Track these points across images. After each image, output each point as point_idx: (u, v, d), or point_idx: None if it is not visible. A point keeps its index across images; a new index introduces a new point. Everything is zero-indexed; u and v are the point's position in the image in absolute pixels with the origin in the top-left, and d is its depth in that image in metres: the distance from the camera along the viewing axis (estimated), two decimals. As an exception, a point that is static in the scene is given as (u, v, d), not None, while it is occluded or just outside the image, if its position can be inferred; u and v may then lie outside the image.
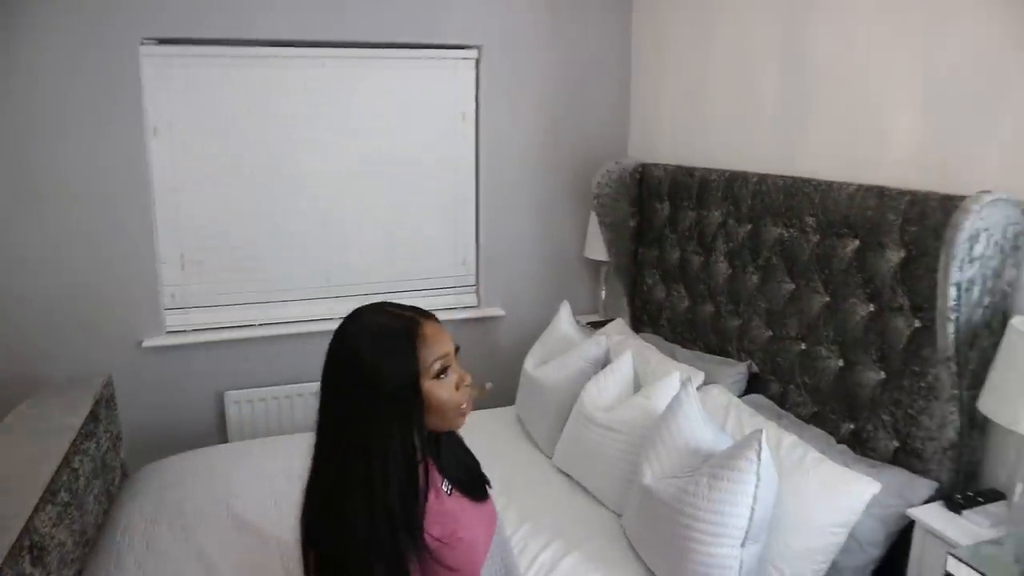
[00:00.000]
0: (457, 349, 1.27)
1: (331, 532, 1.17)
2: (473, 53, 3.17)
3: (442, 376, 1.21)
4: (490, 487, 1.42)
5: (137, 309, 2.89)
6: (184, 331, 2.98)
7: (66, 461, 2.01)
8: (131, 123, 2.77)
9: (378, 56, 3.05)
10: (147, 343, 2.90)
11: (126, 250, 2.84)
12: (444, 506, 1.28)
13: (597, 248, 3.23)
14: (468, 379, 1.26)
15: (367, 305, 1.27)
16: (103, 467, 2.40)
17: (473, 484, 1.38)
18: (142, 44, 2.75)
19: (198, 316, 3.01)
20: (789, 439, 1.99)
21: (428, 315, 1.27)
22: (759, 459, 1.69)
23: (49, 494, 1.84)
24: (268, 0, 2.82)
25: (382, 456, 1.16)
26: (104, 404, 2.51)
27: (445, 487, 1.31)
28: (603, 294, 3.46)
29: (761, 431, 1.73)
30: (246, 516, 2.21)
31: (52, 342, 2.80)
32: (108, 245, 2.81)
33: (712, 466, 1.77)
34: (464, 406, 1.25)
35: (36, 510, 1.74)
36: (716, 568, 1.70)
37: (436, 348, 1.21)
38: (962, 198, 1.74)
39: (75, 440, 2.12)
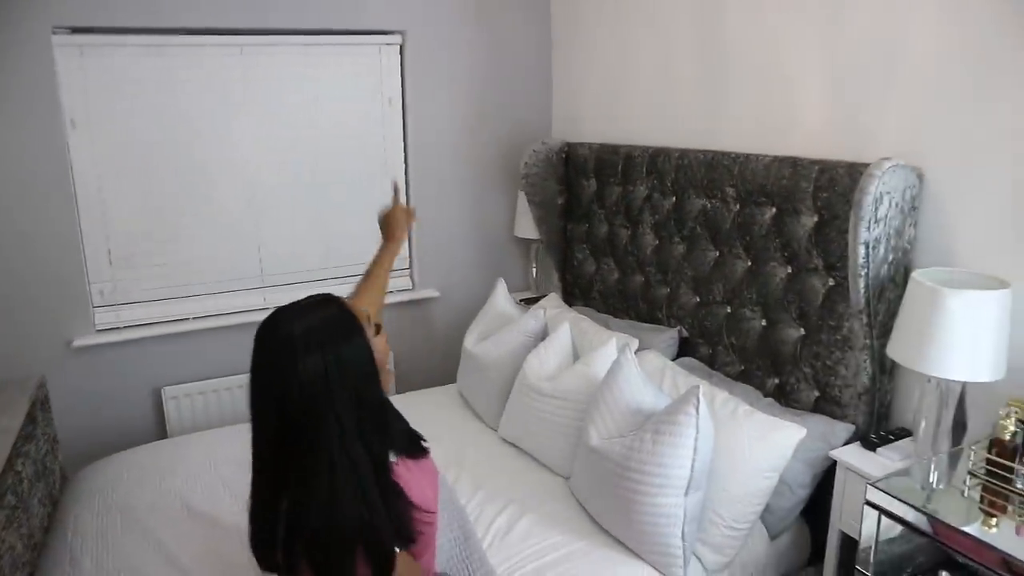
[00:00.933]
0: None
1: (317, 520, 1.17)
2: (397, 39, 3.20)
3: (379, 332, 1.36)
4: (424, 441, 1.44)
5: (65, 308, 2.81)
6: (116, 328, 2.92)
7: (9, 464, 1.98)
8: (47, 115, 2.68)
9: (300, 43, 3.04)
10: (77, 342, 2.83)
11: (50, 247, 2.75)
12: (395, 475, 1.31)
13: (527, 227, 3.32)
14: (386, 336, 1.40)
15: (276, 312, 1.24)
16: (44, 470, 2.35)
17: (410, 443, 1.40)
18: (54, 33, 2.66)
19: (129, 312, 2.95)
20: (721, 395, 2.14)
21: (333, 295, 1.32)
22: (697, 412, 1.82)
23: (-3, 498, 1.82)
24: (181, -12, 2.78)
25: (361, 437, 1.19)
26: (39, 405, 2.45)
27: (392, 457, 1.33)
28: (535, 271, 3.57)
29: (698, 387, 1.86)
30: (200, 506, 2.21)
31: (-25, 346, 2.70)
32: (31, 242, 2.72)
33: (655, 422, 1.89)
34: (390, 365, 1.36)
35: (-14, 514, 1.72)
36: (663, 517, 1.83)
37: (359, 313, 1.29)
38: (866, 165, 1.91)
39: (15, 443, 2.08)
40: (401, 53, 3.22)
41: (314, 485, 1.17)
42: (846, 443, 2.02)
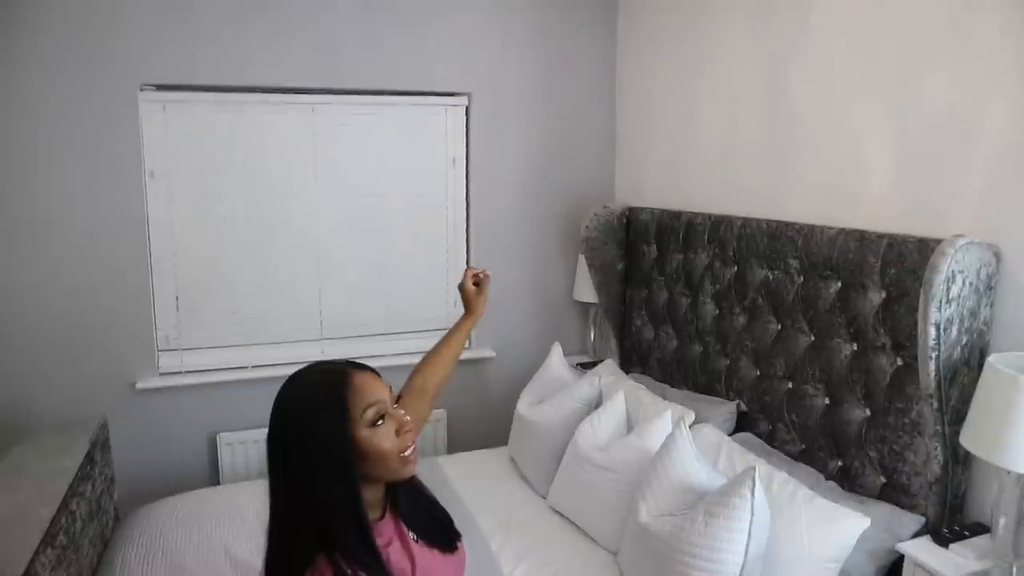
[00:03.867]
0: (399, 398, 1.28)
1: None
2: (463, 100, 3.27)
3: (378, 423, 1.20)
4: (459, 539, 1.40)
5: (131, 350, 2.91)
6: (178, 373, 2.99)
7: (64, 504, 2.02)
8: (129, 166, 2.83)
9: (369, 102, 3.14)
10: (140, 384, 2.91)
11: (123, 291, 2.86)
12: (411, 553, 1.28)
13: (586, 290, 3.30)
14: (408, 424, 1.24)
15: (302, 367, 1.27)
16: (98, 510, 2.39)
17: (439, 534, 1.37)
18: (141, 90, 2.82)
19: (191, 358, 3.03)
20: (780, 476, 2.04)
21: (360, 366, 1.27)
22: (753, 495, 1.73)
23: (48, 537, 1.84)
24: (262, 47, 2.91)
25: (332, 517, 1.16)
26: (99, 447, 2.51)
27: (412, 536, 1.31)
28: (592, 335, 3.52)
29: (754, 468, 1.78)
30: (242, 556, 2.21)
31: (46, 382, 2.80)
32: (105, 287, 2.83)
33: (707, 503, 1.81)
34: (408, 452, 1.23)
35: (36, 553, 1.74)
36: (712, 604, 1.74)
37: (367, 396, 1.20)
38: (937, 241, 1.83)
39: (72, 483, 2.12)
40: (467, 114, 3.29)
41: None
42: (915, 536, 1.89)
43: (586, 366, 3.22)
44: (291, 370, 1.30)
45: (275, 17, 2.91)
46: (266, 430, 3.02)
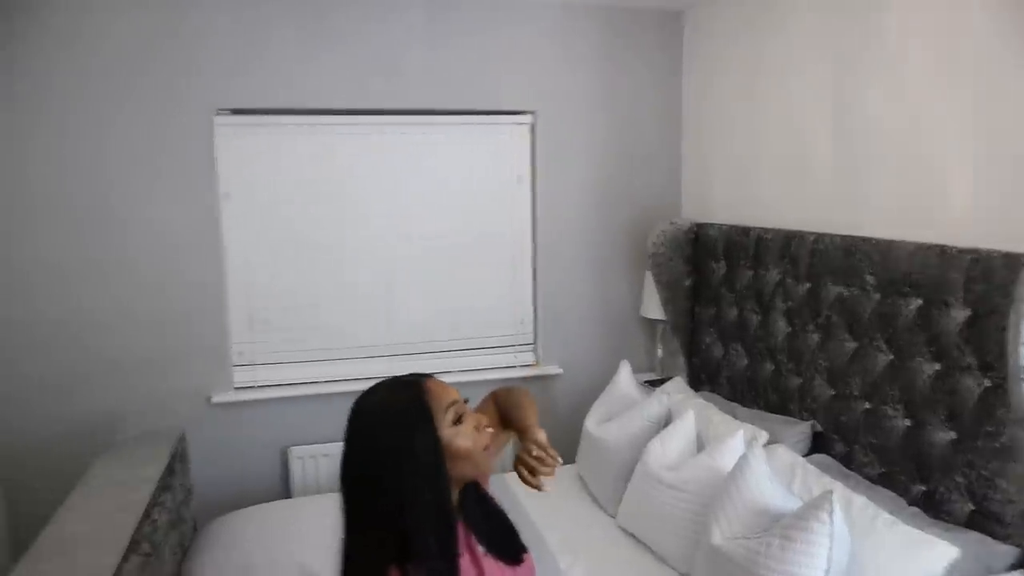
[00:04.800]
0: (466, 400, 1.30)
1: None
2: (528, 118, 3.29)
3: (460, 422, 1.25)
4: (526, 551, 1.39)
5: (208, 366, 3.01)
6: (251, 387, 3.08)
7: (147, 513, 2.09)
8: (205, 188, 2.93)
9: (436, 122, 3.19)
10: (216, 399, 3.00)
11: (200, 309, 2.97)
12: (479, 563, 1.29)
13: (653, 307, 3.27)
14: (485, 420, 1.29)
15: (366, 391, 1.29)
16: (177, 520, 2.47)
17: (506, 545, 1.37)
18: (216, 114, 2.93)
19: (265, 373, 3.11)
20: (859, 500, 1.97)
21: (425, 375, 1.30)
22: (832, 520, 1.68)
23: (133, 544, 1.91)
24: (331, 71, 3.00)
25: (419, 523, 1.17)
26: (178, 458, 2.60)
27: (480, 548, 1.32)
28: (660, 352, 3.48)
29: (832, 491, 1.73)
30: (314, 569, 2.24)
31: (130, 396, 2.91)
32: (182, 304, 2.94)
33: (784, 527, 1.76)
34: (489, 447, 1.27)
35: (123, 560, 1.81)
36: (790, 631, 1.68)
37: (444, 398, 1.24)
38: (1027, 256, 1.75)
39: (154, 492, 2.20)
40: (532, 132, 3.31)
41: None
42: (1010, 568, 1.80)
43: (653, 383, 3.18)
44: (361, 385, 1.34)
45: (343, 41, 3.00)
46: (337, 444, 3.06)
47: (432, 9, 3.08)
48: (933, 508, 2.05)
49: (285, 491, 3.13)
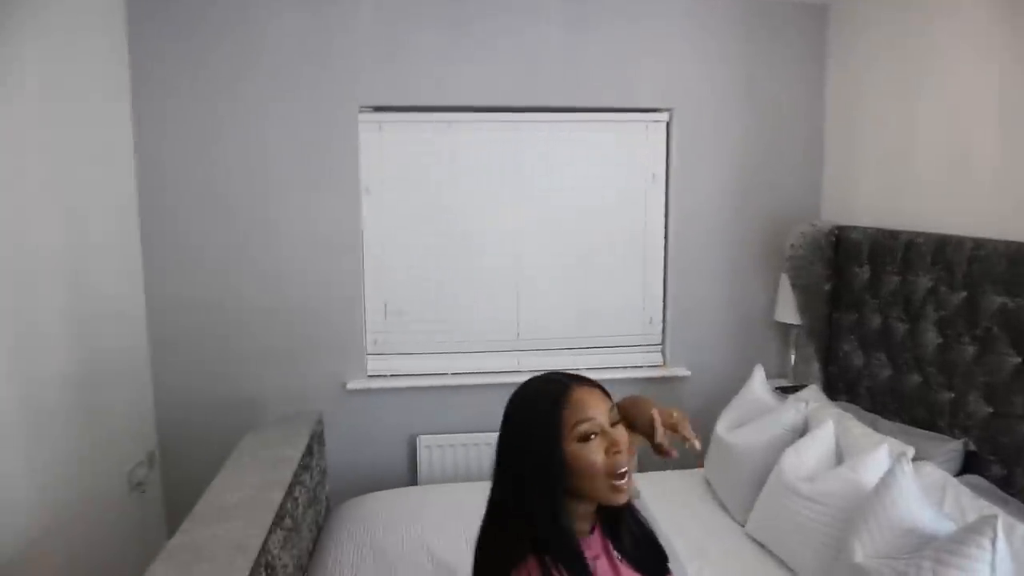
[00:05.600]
0: (618, 421, 1.27)
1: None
2: (664, 116, 3.24)
3: (589, 440, 1.21)
4: (669, 571, 1.38)
5: (344, 353, 3.14)
6: (384, 376, 3.19)
7: (289, 490, 2.21)
8: (348, 183, 3.07)
9: (571, 119, 3.20)
10: (351, 385, 3.13)
11: (338, 298, 3.11)
12: (617, 571, 1.29)
13: (788, 311, 3.14)
14: (620, 446, 1.23)
15: (535, 376, 1.32)
16: (314, 499, 2.60)
17: (648, 561, 1.36)
18: (360, 112, 3.05)
19: (397, 362, 3.22)
20: (1022, 529, 1.82)
21: (584, 381, 1.29)
22: (994, 547, 1.56)
23: (278, 519, 2.03)
24: (469, 69, 3.06)
25: (540, 523, 1.20)
26: (316, 439, 2.73)
27: (617, 555, 1.31)
28: (793, 358, 3.35)
29: (995, 516, 1.60)
30: (443, 556, 2.31)
31: (272, 380, 3.10)
32: (324, 294, 3.09)
33: (937, 550, 1.65)
34: (619, 478, 1.22)
35: (270, 532, 1.92)
36: (941, 662, 1.58)
37: (580, 412, 1.22)
38: None
39: (295, 471, 2.33)
40: (667, 129, 3.26)
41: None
42: None
43: (786, 390, 3.05)
44: (489, 379, 1.37)
45: (481, 39, 3.05)
46: (462, 436, 3.15)
47: (569, 5, 3.08)
48: (1108, 542, 1.87)
49: (412, 478, 3.23)
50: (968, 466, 2.29)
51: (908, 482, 1.88)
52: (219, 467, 2.31)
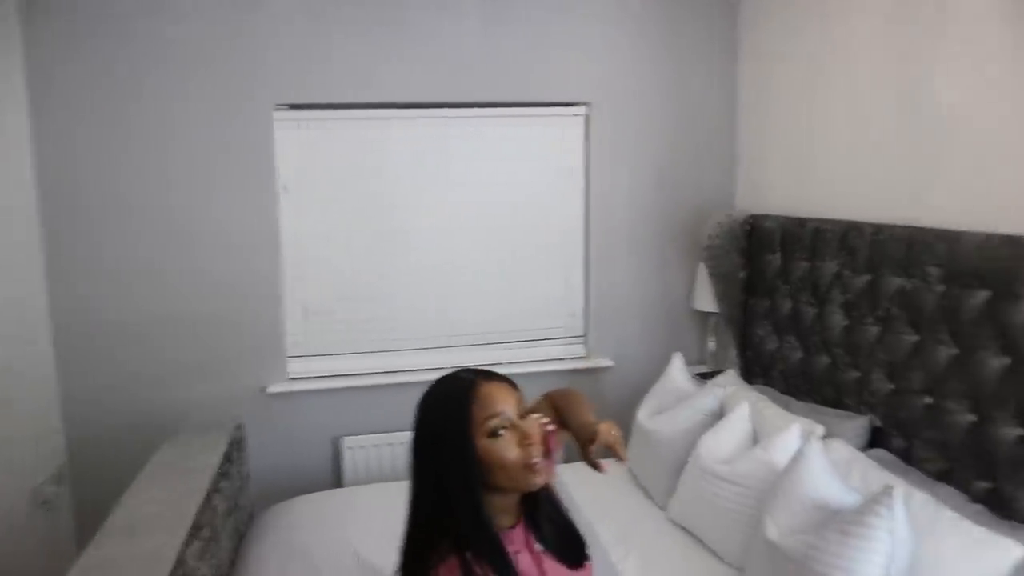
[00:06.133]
0: (529, 411, 1.28)
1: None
2: (582, 110, 3.28)
3: (499, 434, 1.23)
4: (588, 559, 1.40)
5: (263, 356, 3.07)
6: (305, 378, 3.13)
7: (207, 499, 2.15)
8: (264, 181, 2.99)
9: (491, 115, 3.20)
10: (271, 389, 3.06)
11: (256, 299, 3.03)
12: (540, 564, 1.30)
13: (706, 299, 3.22)
14: (532, 438, 1.24)
15: (443, 374, 1.32)
16: (235, 507, 2.54)
17: (569, 549, 1.37)
18: (275, 109, 2.98)
19: (318, 364, 3.16)
20: (920, 496, 1.91)
21: (491, 376, 1.29)
22: (893, 515, 1.64)
23: (195, 528, 1.97)
24: (388, 65, 3.03)
25: (461, 520, 1.21)
26: (236, 446, 2.66)
27: (539, 547, 1.33)
28: (712, 345, 3.44)
29: (893, 486, 1.69)
30: (370, 558, 2.28)
31: (190, 386, 2.99)
32: (240, 295, 3.01)
33: (842, 522, 1.73)
34: (535, 462, 1.24)
35: (186, 544, 1.86)
36: (849, 629, 1.65)
37: (488, 407, 1.23)
38: (1105, 247, 1.68)
39: (214, 479, 2.26)
40: (585, 123, 3.30)
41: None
42: (1082, 570, 1.73)
43: (706, 376, 3.14)
44: (413, 377, 1.37)
45: (400, 35, 3.02)
46: (387, 435, 3.13)
47: (486, 1, 3.09)
48: (998, 506, 1.98)
49: (337, 480, 3.19)
50: (874, 441, 2.40)
51: (817, 459, 1.96)
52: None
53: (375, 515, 2.54)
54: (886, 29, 2.52)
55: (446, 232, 3.22)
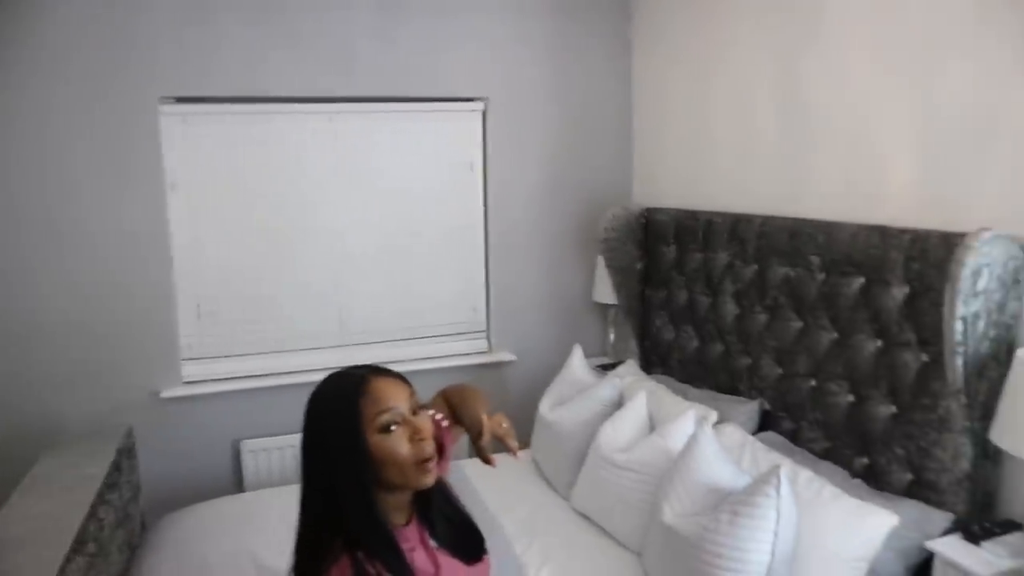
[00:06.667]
0: (421, 406, 1.28)
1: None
2: (480, 105, 3.28)
3: (391, 430, 1.21)
4: (485, 553, 1.40)
5: (155, 360, 2.94)
6: (201, 381, 3.02)
7: (92, 512, 2.04)
8: (150, 178, 2.86)
9: (385, 110, 3.16)
10: (165, 393, 2.93)
11: (146, 301, 2.90)
12: (435, 559, 1.30)
13: (605, 292, 3.29)
14: (424, 433, 1.23)
15: (332, 372, 1.30)
16: (125, 518, 2.42)
17: (464, 545, 1.37)
18: (161, 103, 2.85)
19: (214, 366, 3.05)
20: (805, 474, 2.02)
21: (382, 371, 1.28)
22: (779, 494, 1.72)
23: (78, 544, 1.87)
24: (279, 58, 2.94)
25: (353, 519, 1.19)
26: (125, 454, 2.54)
27: (433, 544, 1.32)
28: (611, 336, 3.51)
29: (779, 467, 1.76)
30: (270, 563, 2.22)
31: (73, 393, 2.83)
32: (129, 297, 2.87)
33: (732, 503, 1.80)
34: (427, 460, 1.23)
35: (67, 560, 1.76)
36: (740, 604, 1.72)
37: (379, 403, 1.21)
38: (961, 235, 1.80)
39: (100, 490, 2.15)
40: (483, 119, 3.30)
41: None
42: (945, 534, 1.86)
43: (606, 367, 3.20)
44: (313, 377, 1.33)
45: (291, 28, 2.94)
46: (288, 437, 3.04)
47: (382, -6, 3.05)
48: (875, 479, 2.12)
49: (238, 485, 3.08)
50: (764, 424, 2.51)
51: (709, 444, 2.03)
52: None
53: (275, 519, 2.45)
54: (765, 28, 2.63)
55: (343, 228, 3.16)
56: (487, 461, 1.42)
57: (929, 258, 1.93)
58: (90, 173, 2.78)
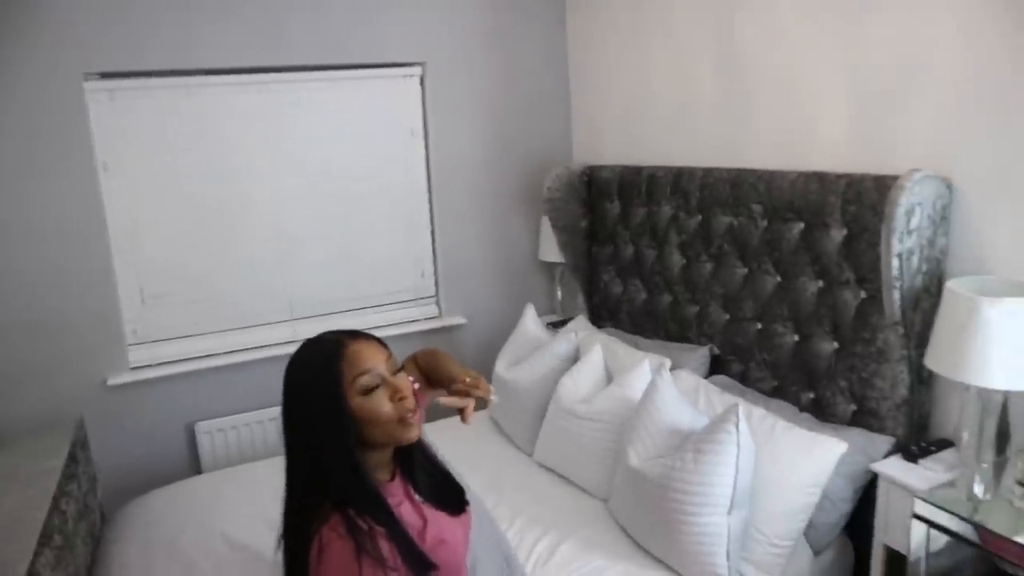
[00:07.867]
0: (400, 367, 1.31)
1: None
2: (417, 70, 3.25)
3: (372, 391, 1.24)
4: (467, 504, 1.46)
5: (100, 347, 2.85)
6: (149, 366, 2.95)
7: (55, 505, 2.01)
8: (80, 159, 2.73)
9: (323, 78, 3.10)
10: (112, 381, 2.86)
11: (86, 287, 2.79)
12: (421, 512, 1.35)
13: (551, 250, 3.34)
14: (404, 391, 1.27)
15: (309, 338, 1.32)
16: (85, 509, 2.38)
17: (447, 497, 1.43)
18: (85, 79, 2.73)
19: (162, 349, 2.98)
20: (758, 412, 2.13)
21: (359, 335, 1.31)
22: (738, 430, 1.82)
23: (44, 538, 1.84)
24: (208, 30, 2.84)
25: (339, 480, 1.22)
26: (79, 446, 2.49)
27: (418, 498, 1.37)
28: (559, 294, 3.58)
29: (737, 405, 1.87)
30: (240, 539, 2.22)
31: (15, 387, 2.72)
32: (68, 284, 2.76)
33: (695, 442, 1.89)
34: (410, 416, 1.26)
35: (36, 555, 1.74)
36: (706, 536, 1.83)
37: (358, 365, 1.24)
38: (894, 178, 1.91)
39: (60, 483, 2.11)
40: (422, 84, 3.28)
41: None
42: (887, 456, 2.01)
43: (556, 325, 3.27)
44: (264, 354, 1.34)
45: (218, -4, 2.84)
46: (243, 416, 3.01)
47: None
48: (821, 412, 2.25)
49: (195, 468, 3.05)
50: (715, 368, 2.62)
51: (668, 389, 2.12)
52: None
53: (238, 497, 2.48)
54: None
55: (284, 201, 3.10)
56: (465, 415, 1.44)
57: (864, 200, 2.04)
58: (16, 157, 2.64)
